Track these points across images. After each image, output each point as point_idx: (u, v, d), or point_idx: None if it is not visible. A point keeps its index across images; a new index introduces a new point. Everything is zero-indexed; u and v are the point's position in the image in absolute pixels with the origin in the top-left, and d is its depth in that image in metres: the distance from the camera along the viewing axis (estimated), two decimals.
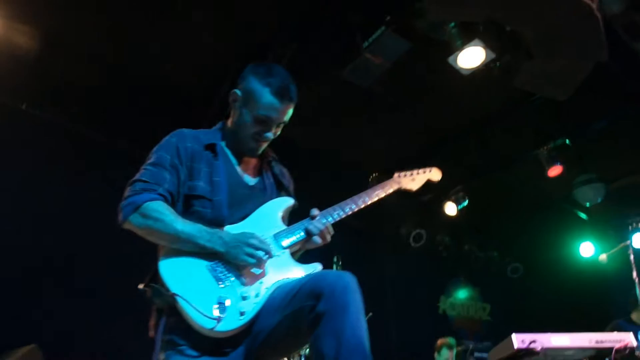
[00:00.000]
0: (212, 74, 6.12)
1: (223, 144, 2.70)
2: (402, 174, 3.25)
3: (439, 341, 7.58)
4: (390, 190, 3.07)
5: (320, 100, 6.32)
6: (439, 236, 9.76)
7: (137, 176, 2.45)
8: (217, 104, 6.20)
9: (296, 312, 2.11)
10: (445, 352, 7.46)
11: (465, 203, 8.49)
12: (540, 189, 8.43)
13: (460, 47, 5.11)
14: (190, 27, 5.61)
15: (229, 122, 2.74)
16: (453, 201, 8.54)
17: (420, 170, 3.33)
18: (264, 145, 2.70)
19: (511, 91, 5.86)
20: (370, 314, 5.43)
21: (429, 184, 3.38)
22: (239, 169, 2.68)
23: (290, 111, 2.62)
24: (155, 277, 2.32)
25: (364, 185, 2.99)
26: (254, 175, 2.74)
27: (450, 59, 5.25)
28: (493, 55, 5.22)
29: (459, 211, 8.57)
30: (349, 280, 2.07)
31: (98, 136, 6.33)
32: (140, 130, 6.13)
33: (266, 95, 2.53)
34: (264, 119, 2.57)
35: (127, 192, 2.39)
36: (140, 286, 2.27)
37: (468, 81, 5.67)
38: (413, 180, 3.26)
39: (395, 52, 5.37)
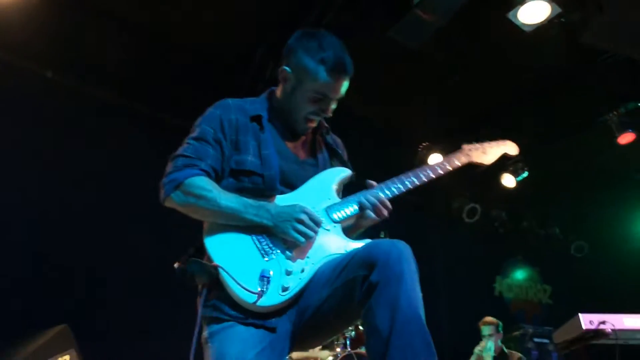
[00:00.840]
0: (249, 34, 6.16)
1: (270, 115, 2.71)
2: (473, 146, 3.13)
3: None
4: (459, 164, 2.98)
5: (364, 62, 6.24)
6: (494, 211, 9.68)
7: (179, 151, 2.50)
8: (256, 66, 6.26)
9: (347, 283, 2.14)
10: (486, 329, 7.41)
11: (525, 175, 8.38)
12: (609, 159, 8.23)
13: (522, 1, 5.01)
14: None
15: (278, 95, 2.74)
16: (511, 172, 8.44)
17: (494, 143, 3.21)
18: (315, 124, 2.71)
19: (577, 50, 5.71)
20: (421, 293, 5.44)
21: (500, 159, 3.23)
22: (288, 142, 2.70)
23: (347, 84, 2.60)
24: (195, 253, 2.38)
25: (411, 156, 2.92)
26: (305, 150, 2.76)
27: (511, 15, 5.18)
28: (559, 10, 5.11)
29: (518, 183, 8.47)
30: (403, 249, 2.08)
31: (135, 105, 6.50)
32: (176, 97, 6.28)
33: (321, 74, 2.51)
34: (321, 97, 2.58)
35: (168, 168, 2.45)
36: (177, 265, 2.32)
37: (529, 39, 5.57)
38: (485, 153, 3.14)
39: (449, 7, 5.29)
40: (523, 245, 10.32)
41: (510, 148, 3.27)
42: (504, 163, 8.35)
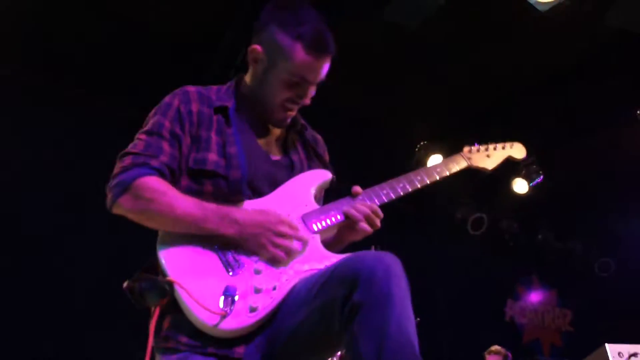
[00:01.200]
0: (217, 11, 6.18)
1: (239, 106, 2.70)
2: (474, 148, 3.18)
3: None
4: (457, 169, 3.02)
5: (356, 47, 6.33)
6: (505, 222, 9.70)
7: (128, 148, 2.46)
8: (225, 50, 6.27)
9: (326, 304, 2.09)
10: None
11: (540, 179, 8.43)
12: (639, 161, 8.33)
13: None
14: None
15: (248, 80, 2.73)
16: (524, 177, 8.49)
17: (498, 145, 3.25)
18: (294, 113, 2.70)
19: (601, 33, 5.79)
20: (418, 319, 5.50)
21: (508, 163, 3.29)
22: (258, 138, 2.69)
23: (328, 65, 2.58)
24: (149, 268, 2.35)
25: (408, 158, 2.97)
26: (279, 148, 2.75)
27: None
28: None
29: (532, 189, 8.52)
30: (391, 262, 2.05)
31: (79, 92, 6.55)
32: (130, 85, 6.33)
33: (298, 52, 2.48)
34: (298, 81, 2.54)
35: (115, 169, 2.41)
36: (125, 284, 2.27)
37: (545, 21, 5.63)
38: (488, 157, 3.18)
39: None
40: (538, 262, 10.37)
41: (517, 151, 3.28)
42: (516, 166, 8.37)
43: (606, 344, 4.02)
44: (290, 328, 2.20)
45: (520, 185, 8.54)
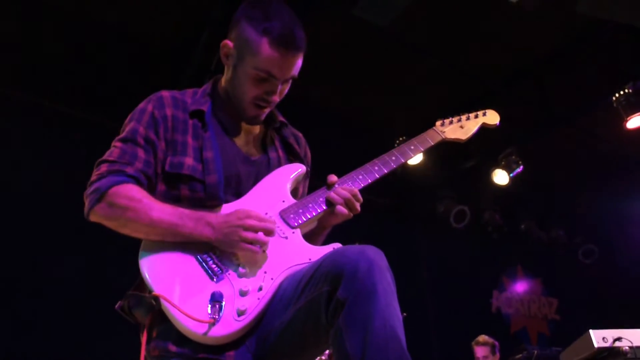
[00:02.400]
0: (192, 12, 6.16)
1: (214, 109, 2.70)
2: (447, 120, 3.13)
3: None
4: (432, 143, 2.98)
5: (328, 44, 6.35)
6: (487, 213, 9.75)
7: (104, 156, 2.47)
8: (198, 56, 6.25)
9: (312, 302, 2.10)
10: (480, 351, 7.55)
11: (520, 169, 8.45)
12: (618, 146, 8.42)
13: None
14: None
15: (222, 82, 2.73)
16: (503, 167, 8.51)
17: (471, 115, 3.20)
18: (268, 110, 2.68)
19: (575, 21, 5.82)
20: (404, 314, 5.53)
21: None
22: (236, 140, 2.68)
23: (299, 62, 2.56)
24: (138, 286, 2.34)
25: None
26: (257, 148, 2.75)
27: None
28: None
29: (512, 180, 8.55)
30: (375, 256, 2.04)
31: (48, 103, 6.44)
32: (100, 92, 6.29)
33: (264, 47, 2.47)
34: (265, 76, 2.53)
35: (92, 177, 2.41)
36: (118, 304, 2.28)
37: (518, 12, 5.65)
38: (461, 127, 3.12)
39: None
40: (522, 252, 10.43)
41: (490, 117, 3.21)
42: (495, 158, 8.45)
43: (590, 330, 4.03)
44: (279, 327, 2.20)
45: (500, 177, 8.55)
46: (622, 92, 7.19)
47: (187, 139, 2.54)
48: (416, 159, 7.78)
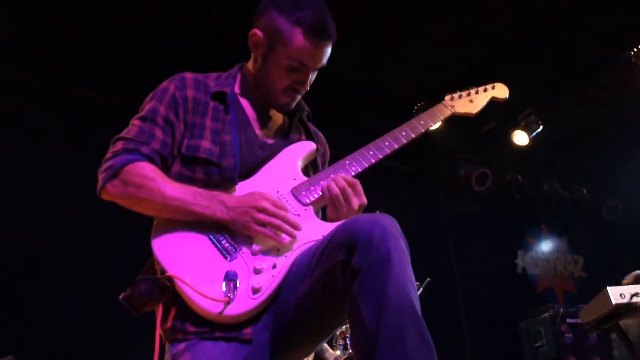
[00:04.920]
0: None
1: (240, 92, 2.73)
2: (456, 95, 3.17)
3: None
4: (441, 118, 3.02)
5: (338, 9, 6.33)
6: (509, 175, 9.69)
7: (121, 133, 2.50)
8: (213, 30, 6.26)
9: (327, 273, 2.10)
10: None
11: (540, 129, 8.43)
12: (637, 102, 8.35)
13: None
14: None
15: (250, 67, 2.76)
16: (523, 128, 8.49)
17: (480, 89, 3.22)
18: (298, 98, 2.74)
19: None
20: (428, 279, 5.60)
21: (492, 105, 3.24)
22: (256, 126, 2.71)
23: (329, 51, 2.61)
24: (146, 272, 2.40)
25: (408, 119, 2.97)
26: (278, 134, 2.77)
27: None
28: None
29: (532, 140, 8.54)
30: (388, 224, 2.05)
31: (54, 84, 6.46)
32: (112, 72, 6.36)
33: (298, 37, 2.52)
34: (299, 66, 2.57)
35: (107, 154, 2.44)
36: (122, 296, 2.21)
37: None
38: (471, 101, 3.15)
39: None
40: (546, 212, 10.36)
41: (500, 91, 3.22)
42: (514, 118, 8.45)
43: (607, 287, 4.05)
44: (296, 302, 2.22)
45: (520, 137, 8.53)
46: None
47: (205, 122, 2.56)
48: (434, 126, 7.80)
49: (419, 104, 7.75)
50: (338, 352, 5.22)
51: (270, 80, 2.64)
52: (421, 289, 5.44)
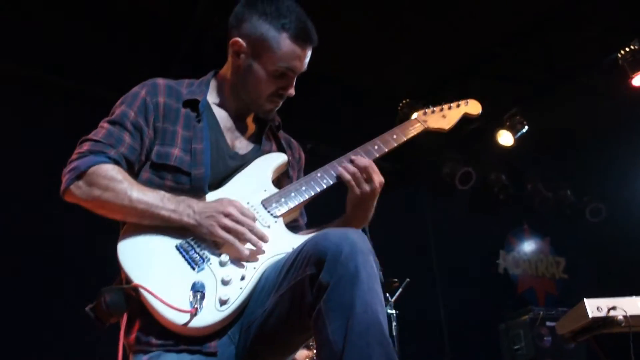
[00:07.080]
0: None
1: (211, 101, 2.73)
2: (429, 110, 3.21)
3: None
4: (414, 133, 3.04)
5: (318, 6, 6.29)
6: (493, 174, 9.69)
7: (89, 135, 2.47)
8: (188, 42, 6.16)
9: (295, 286, 2.10)
10: None
11: (525, 130, 8.43)
12: (623, 104, 8.31)
13: None
14: None
15: (227, 74, 2.75)
16: (508, 128, 8.49)
17: (453, 105, 3.25)
18: (280, 104, 2.74)
19: None
20: (407, 280, 5.60)
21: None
22: (228, 135, 2.70)
23: (309, 55, 2.65)
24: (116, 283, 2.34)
25: (391, 118, 2.96)
26: (249, 143, 2.77)
27: None
28: None
29: (517, 140, 8.54)
30: (357, 239, 2.04)
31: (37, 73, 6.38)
32: (96, 62, 6.22)
33: (285, 42, 2.55)
34: (285, 71, 2.60)
35: (72, 155, 2.42)
36: (87, 308, 2.18)
37: None
38: (444, 117, 3.19)
39: None
40: (529, 212, 10.39)
41: (472, 107, 3.27)
42: (499, 118, 8.44)
43: (584, 299, 4.02)
44: (263, 315, 2.21)
45: (505, 137, 8.54)
46: (627, 49, 7.13)
47: (177, 129, 2.55)
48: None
49: (404, 101, 7.73)
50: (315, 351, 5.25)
51: (255, 88, 2.64)
52: (400, 289, 5.45)
